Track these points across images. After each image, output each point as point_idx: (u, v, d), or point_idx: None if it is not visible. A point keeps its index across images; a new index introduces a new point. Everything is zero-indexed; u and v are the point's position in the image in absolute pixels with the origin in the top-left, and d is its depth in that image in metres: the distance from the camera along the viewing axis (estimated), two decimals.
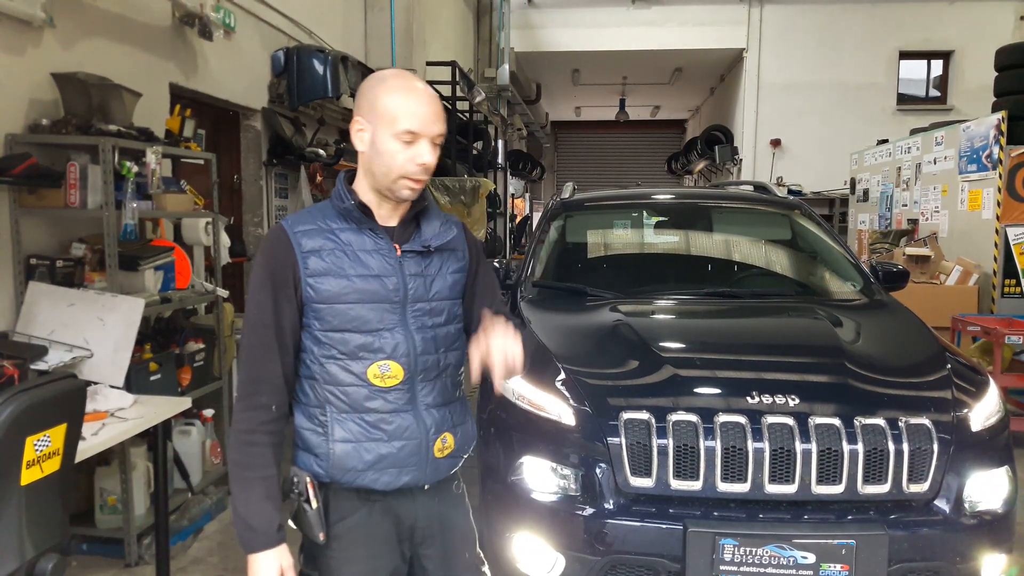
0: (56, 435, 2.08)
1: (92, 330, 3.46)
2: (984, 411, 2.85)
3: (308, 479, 1.74)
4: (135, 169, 3.70)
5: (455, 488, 1.97)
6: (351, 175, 1.85)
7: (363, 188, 1.80)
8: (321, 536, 1.74)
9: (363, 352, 1.74)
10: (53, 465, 2.09)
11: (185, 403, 3.46)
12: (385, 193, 1.77)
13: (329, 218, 1.79)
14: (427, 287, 1.81)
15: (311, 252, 1.73)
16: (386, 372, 1.75)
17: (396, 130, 1.70)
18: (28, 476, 1.99)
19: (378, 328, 1.75)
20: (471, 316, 1.91)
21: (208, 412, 4.48)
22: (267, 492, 1.71)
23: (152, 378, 3.80)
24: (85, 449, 2.67)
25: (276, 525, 1.71)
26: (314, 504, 1.74)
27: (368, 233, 1.78)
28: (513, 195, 18.06)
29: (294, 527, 1.78)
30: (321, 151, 6.43)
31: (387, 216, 1.81)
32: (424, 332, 1.80)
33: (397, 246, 1.79)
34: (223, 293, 4.49)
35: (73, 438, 2.18)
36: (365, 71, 6.92)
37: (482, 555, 2.04)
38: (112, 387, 3.33)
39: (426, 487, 1.84)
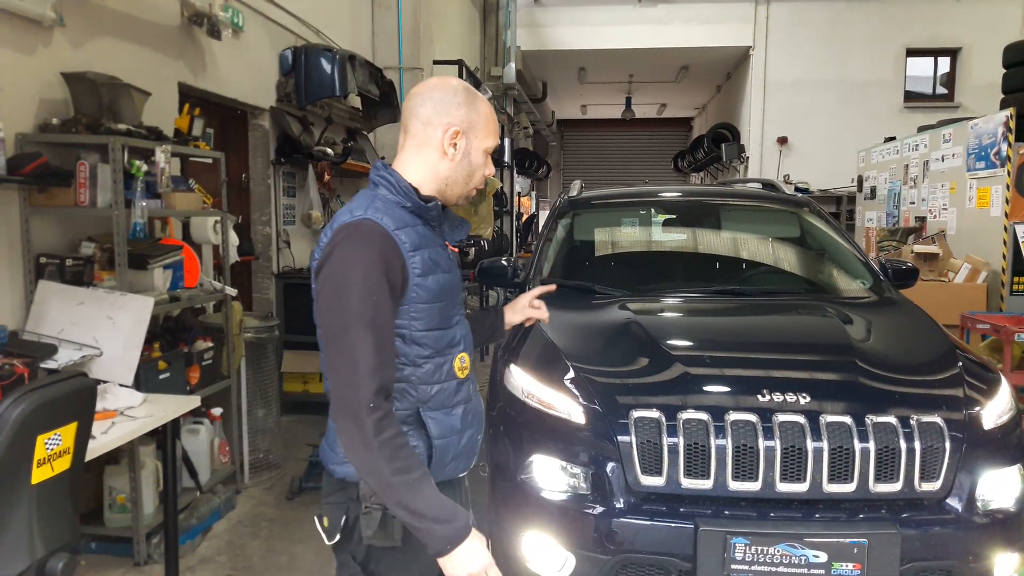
0: (66, 434, 2.09)
1: (101, 329, 3.46)
2: (996, 409, 2.84)
3: None
4: (144, 168, 3.70)
5: None
6: None
7: (424, 187, 1.79)
8: (400, 538, 1.72)
9: (449, 348, 1.79)
10: (63, 464, 2.09)
11: (194, 402, 3.47)
12: (452, 199, 1.83)
13: (400, 213, 1.73)
14: (461, 279, 1.89)
15: (414, 251, 1.69)
16: (463, 364, 1.82)
17: (488, 145, 1.81)
18: (39, 475, 1.99)
19: (454, 322, 1.81)
20: None
21: (217, 411, 4.49)
22: (434, 484, 1.64)
23: (161, 377, 3.81)
24: (95, 448, 2.67)
25: (460, 509, 1.65)
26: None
27: (430, 230, 1.79)
28: (519, 193, 18.08)
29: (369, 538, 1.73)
30: (329, 150, 6.44)
31: None
32: (465, 320, 1.88)
33: (446, 242, 1.85)
34: (231, 292, 4.49)
35: (83, 437, 2.18)
36: (372, 70, 6.93)
37: None
38: (121, 386, 3.34)
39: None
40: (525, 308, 2.29)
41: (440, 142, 1.75)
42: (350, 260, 1.62)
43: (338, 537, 1.73)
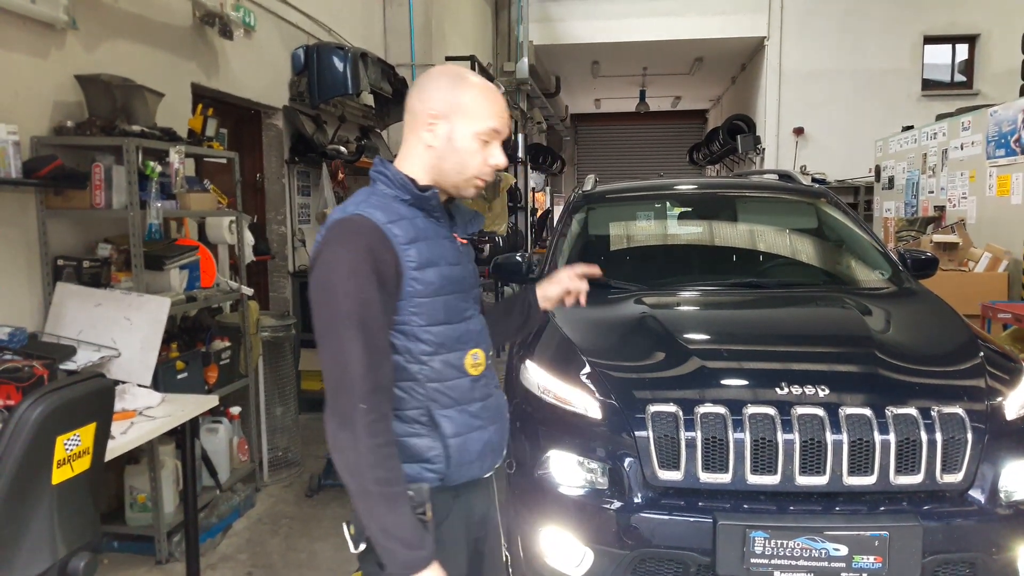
0: (86, 434, 2.10)
1: (119, 330, 3.49)
2: (1019, 399, 2.79)
3: (427, 490, 1.64)
4: (159, 169, 3.72)
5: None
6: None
7: (420, 179, 1.71)
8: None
9: (459, 344, 1.71)
10: (83, 464, 2.10)
11: (212, 401, 3.48)
12: (449, 190, 1.73)
13: (397, 206, 1.67)
14: (475, 273, 1.84)
15: (408, 243, 1.63)
16: (477, 360, 1.75)
17: (479, 128, 1.67)
18: (59, 475, 2.00)
19: (466, 316, 1.75)
20: None
21: (235, 410, 4.52)
22: (411, 506, 1.58)
23: (179, 377, 3.83)
24: (114, 448, 2.69)
25: (428, 538, 1.60)
26: (429, 515, 1.63)
27: (434, 221, 1.72)
28: (534, 189, 18.06)
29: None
30: (342, 148, 6.45)
31: None
32: (480, 316, 1.82)
33: (455, 235, 1.79)
34: (248, 291, 4.51)
35: (103, 437, 2.19)
36: (385, 67, 6.93)
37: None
38: (140, 386, 3.36)
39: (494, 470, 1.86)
40: (564, 280, 2.08)
41: (420, 130, 1.69)
42: (337, 258, 1.58)
43: (363, 546, 1.66)
